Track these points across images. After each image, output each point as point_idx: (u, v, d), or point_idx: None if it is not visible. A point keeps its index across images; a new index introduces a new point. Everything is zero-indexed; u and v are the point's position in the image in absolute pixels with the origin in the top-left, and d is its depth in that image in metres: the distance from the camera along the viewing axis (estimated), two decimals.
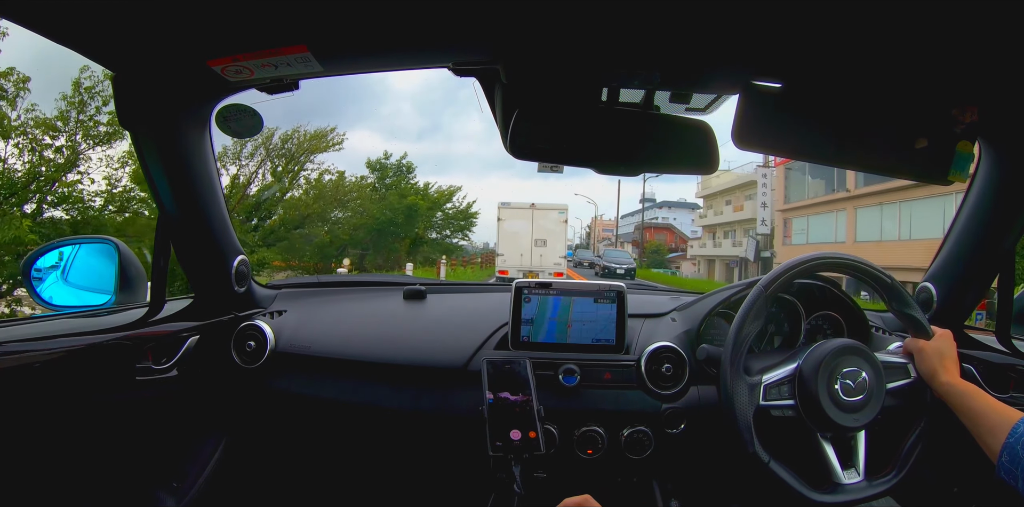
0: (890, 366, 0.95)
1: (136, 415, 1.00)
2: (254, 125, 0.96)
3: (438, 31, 0.74)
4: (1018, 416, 0.78)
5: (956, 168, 0.82)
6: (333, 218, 15.88)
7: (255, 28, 0.72)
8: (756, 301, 0.92)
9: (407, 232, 17.25)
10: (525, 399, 0.95)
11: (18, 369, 0.84)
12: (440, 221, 19.59)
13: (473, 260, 22.94)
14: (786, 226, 21.07)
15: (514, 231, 13.65)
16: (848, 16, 0.64)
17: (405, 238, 17.38)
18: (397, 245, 17.23)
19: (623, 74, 0.81)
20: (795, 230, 20.46)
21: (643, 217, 33.95)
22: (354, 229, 15.94)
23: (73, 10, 0.67)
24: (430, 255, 18.35)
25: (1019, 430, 0.76)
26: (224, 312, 1.12)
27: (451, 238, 20.12)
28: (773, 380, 0.92)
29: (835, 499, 0.86)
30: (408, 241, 17.66)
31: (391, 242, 17.24)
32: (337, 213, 15.93)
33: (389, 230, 16.82)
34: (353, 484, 1.26)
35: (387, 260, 17.21)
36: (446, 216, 19.57)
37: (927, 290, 1.16)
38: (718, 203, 29.09)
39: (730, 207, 27.21)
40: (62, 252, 1.11)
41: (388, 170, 18.31)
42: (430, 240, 19.37)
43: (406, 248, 17.61)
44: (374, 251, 16.97)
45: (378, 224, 16.55)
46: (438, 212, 19.21)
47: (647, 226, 43.30)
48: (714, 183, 27.96)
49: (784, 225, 21.17)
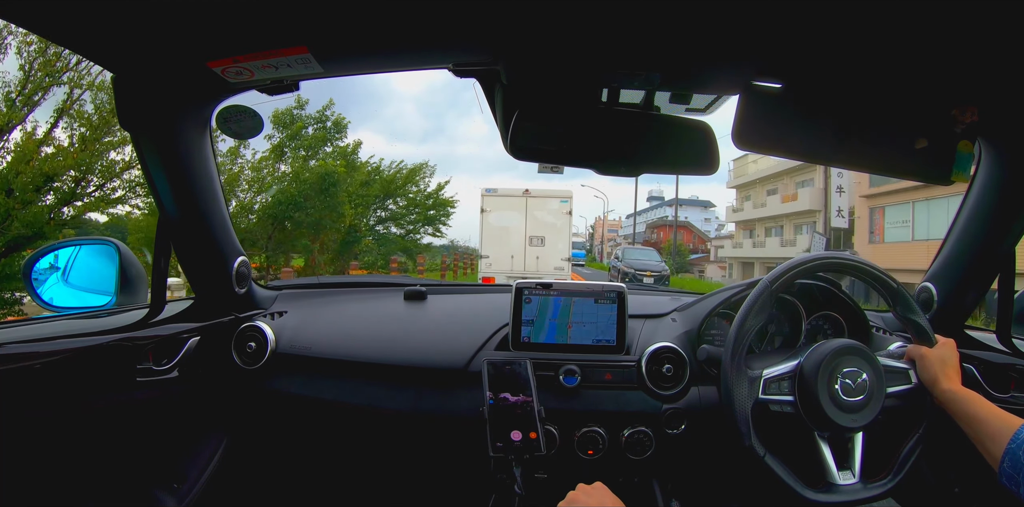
0: (892, 371, 0.95)
1: (137, 416, 1.00)
2: (254, 126, 0.96)
3: (438, 32, 0.74)
4: (1019, 423, 0.78)
5: (958, 168, 0.82)
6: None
7: (255, 29, 0.72)
8: (760, 296, 0.93)
9: (325, 218, 11.28)
10: (526, 400, 0.95)
11: (19, 370, 0.84)
12: (400, 210, 14.54)
13: (455, 262, 16.03)
14: (875, 218, 15.38)
15: (502, 226, 10.26)
16: (848, 16, 0.64)
17: (324, 228, 11.38)
18: (304, 238, 11.36)
19: (623, 74, 0.81)
20: (890, 222, 14.71)
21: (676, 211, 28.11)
22: (240, 214, 10.51)
23: (73, 11, 0.67)
24: (388, 254, 13.12)
25: (1021, 436, 0.76)
26: (225, 313, 1.12)
27: (414, 233, 14.91)
28: (774, 375, 0.92)
29: (828, 499, 0.86)
30: (332, 233, 11.91)
31: (292, 234, 11.55)
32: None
33: (291, 215, 11.00)
34: (354, 485, 1.26)
35: (295, 260, 12.06)
36: (410, 202, 14.53)
37: (927, 290, 1.16)
38: (758, 193, 23.45)
39: (776, 197, 21.71)
40: (63, 253, 1.11)
41: (301, 124, 11.76)
42: (372, 232, 14.12)
43: (329, 245, 12.09)
44: (272, 249, 11.41)
45: (273, 207, 10.87)
46: (397, 196, 14.29)
47: (660, 225, 39.53)
48: (751, 170, 23.16)
49: (872, 216, 15.50)
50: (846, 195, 15.72)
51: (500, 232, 10.32)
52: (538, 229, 10.37)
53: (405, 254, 13.68)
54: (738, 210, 25.62)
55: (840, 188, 15.63)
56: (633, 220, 32.97)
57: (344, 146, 12.54)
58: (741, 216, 24.91)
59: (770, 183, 22.64)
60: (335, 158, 12.01)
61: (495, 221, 10.36)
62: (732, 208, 26.96)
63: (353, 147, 12.80)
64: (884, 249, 14.41)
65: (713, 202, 36.33)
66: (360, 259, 12.51)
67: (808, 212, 19.04)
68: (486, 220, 10.34)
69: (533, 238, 10.37)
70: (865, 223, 15.59)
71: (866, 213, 15.58)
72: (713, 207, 44.30)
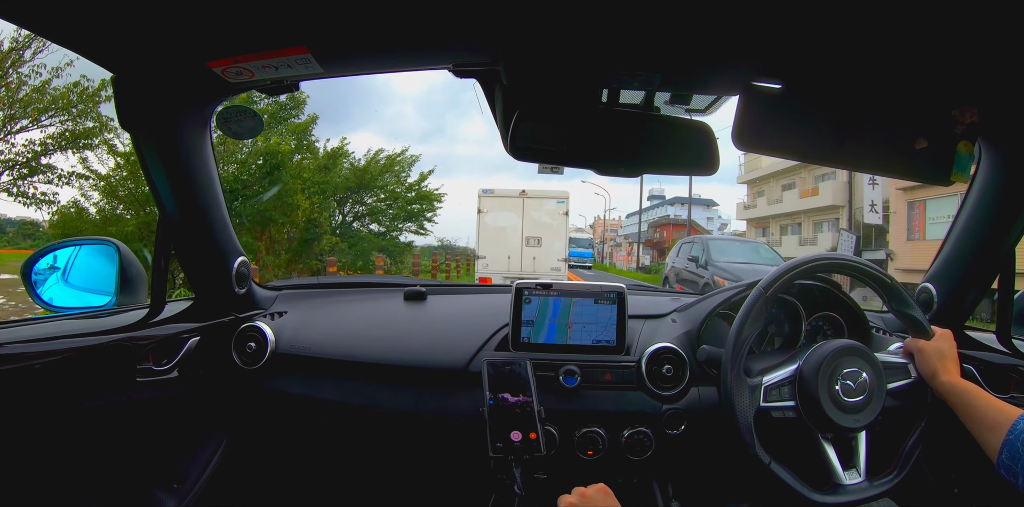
0: (890, 366, 0.95)
1: (136, 416, 1.00)
2: (254, 126, 0.96)
3: (438, 32, 0.74)
4: (1018, 413, 0.78)
5: (958, 168, 0.82)
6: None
7: (255, 29, 0.72)
8: (756, 303, 0.92)
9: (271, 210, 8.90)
10: (526, 400, 0.95)
11: (19, 370, 0.84)
12: (378, 203, 12.63)
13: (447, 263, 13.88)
14: (914, 212, 13.40)
15: (499, 226, 10.42)
16: (848, 16, 0.64)
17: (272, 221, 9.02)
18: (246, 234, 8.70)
19: (623, 75, 0.81)
20: (932, 217, 12.89)
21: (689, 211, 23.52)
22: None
23: (73, 11, 0.67)
24: (362, 255, 11.32)
25: (1019, 427, 0.76)
26: (224, 313, 1.12)
27: (393, 230, 12.88)
28: (774, 381, 0.92)
29: (836, 500, 0.86)
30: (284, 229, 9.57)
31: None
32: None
33: (229, 206, 3.97)
34: (353, 485, 1.26)
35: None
36: (388, 194, 12.64)
37: (927, 291, 1.16)
38: (772, 188, 21.58)
39: (793, 192, 19.84)
40: (63, 253, 1.11)
41: (245, 97, 6.40)
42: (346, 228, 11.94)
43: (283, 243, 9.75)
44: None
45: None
46: (375, 189, 12.34)
47: (664, 224, 37.95)
48: (765, 164, 21.06)
49: (911, 211, 13.55)
50: (879, 187, 14.03)
51: (497, 232, 10.44)
52: (535, 230, 10.51)
53: (385, 253, 11.86)
54: (750, 207, 23.63)
55: (873, 180, 13.87)
56: (638, 217, 31.32)
57: (298, 123, 10.49)
58: (753, 213, 22.93)
59: (786, 177, 20.91)
60: (286, 137, 10.02)
61: (492, 222, 10.48)
62: (743, 205, 24.69)
63: (307, 123, 10.57)
64: (926, 247, 12.53)
65: (716, 201, 35.21)
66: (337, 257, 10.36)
67: (830, 208, 17.36)
68: (483, 221, 10.47)
69: (530, 239, 10.52)
70: (902, 218, 13.83)
71: (903, 207, 13.81)
72: (716, 206, 43.45)
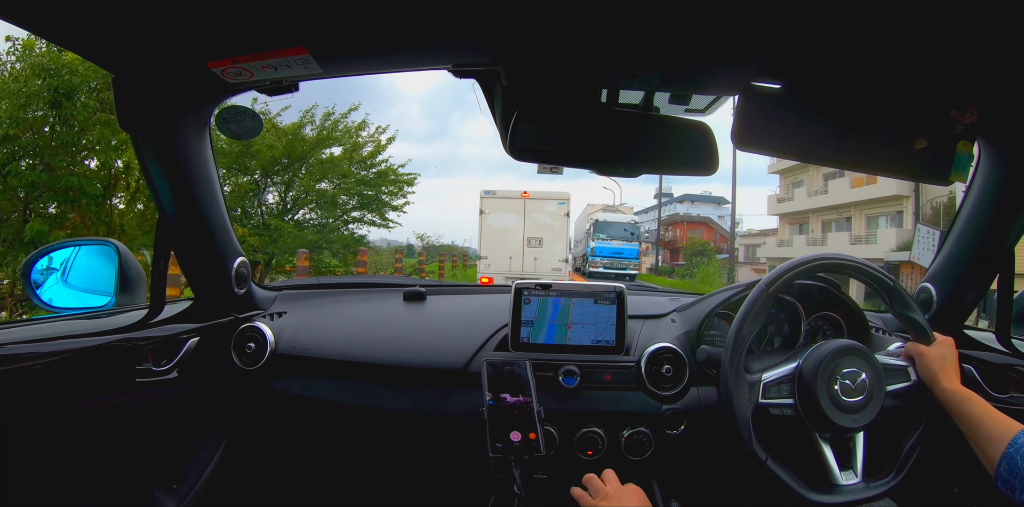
0: (890, 369, 0.95)
1: (136, 417, 1.00)
2: (254, 127, 0.96)
3: (438, 33, 0.74)
4: (1018, 428, 0.78)
5: (957, 168, 0.82)
6: None
7: (254, 30, 0.72)
8: (757, 300, 0.92)
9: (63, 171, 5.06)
10: (525, 400, 0.95)
11: (18, 371, 0.84)
12: (314, 182, 9.19)
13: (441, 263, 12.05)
14: None
15: (500, 227, 10.53)
16: (848, 16, 0.64)
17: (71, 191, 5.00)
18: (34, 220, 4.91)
19: (622, 75, 0.81)
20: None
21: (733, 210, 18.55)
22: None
23: (73, 12, 0.67)
24: (283, 252, 8.28)
25: (1019, 441, 0.75)
26: (224, 314, 1.12)
27: (351, 222, 9.86)
28: (773, 378, 0.92)
29: (832, 499, 0.86)
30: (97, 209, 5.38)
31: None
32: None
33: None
34: (353, 486, 1.26)
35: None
36: (341, 172, 9.29)
37: (927, 290, 1.16)
38: (812, 178, 18.51)
39: (842, 181, 16.89)
40: (62, 254, 1.11)
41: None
42: (277, 218, 8.81)
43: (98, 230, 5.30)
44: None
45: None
46: (308, 159, 8.99)
47: (675, 222, 35.23)
48: None
49: None
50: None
51: (498, 233, 10.57)
52: (536, 231, 10.66)
53: (325, 250, 9.19)
54: (784, 200, 20.10)
55: None
56: (658, 213, 28.23)
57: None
58: (788, 207, 19.47)
59: None
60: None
61: (493, 222, 10.60)
62: (776, 198, 20.97)
63: None
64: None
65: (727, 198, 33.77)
66: (248, 255, 4.39)
67: (892, 198, 14.83)
68: (485, 221, 10.59)
69: (531, 239, 10.65)
70: None
71: None
72: (727, 203, 42.81)
